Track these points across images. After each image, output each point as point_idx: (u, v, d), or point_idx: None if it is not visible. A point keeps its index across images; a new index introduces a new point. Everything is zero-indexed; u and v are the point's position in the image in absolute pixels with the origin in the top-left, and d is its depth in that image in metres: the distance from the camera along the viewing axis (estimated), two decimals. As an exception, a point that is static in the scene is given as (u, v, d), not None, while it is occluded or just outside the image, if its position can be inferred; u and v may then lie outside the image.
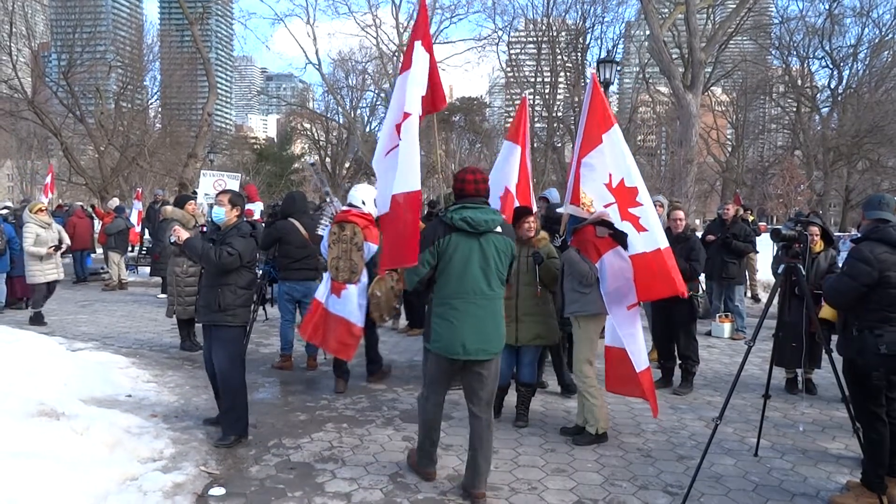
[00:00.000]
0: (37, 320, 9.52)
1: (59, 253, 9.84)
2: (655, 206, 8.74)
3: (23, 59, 29.04)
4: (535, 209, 5.67)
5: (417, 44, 4.83)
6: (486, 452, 4.09)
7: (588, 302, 4.99)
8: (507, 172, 5.81)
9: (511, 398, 5.54)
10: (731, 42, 36.09)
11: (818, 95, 41.46)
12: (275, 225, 7.08)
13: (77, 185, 30.50)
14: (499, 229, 4.09)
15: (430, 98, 5.02)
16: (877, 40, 37.19)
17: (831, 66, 39.22)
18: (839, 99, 39.47)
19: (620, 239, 4.90)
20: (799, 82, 40.71)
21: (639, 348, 4.92)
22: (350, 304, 5.87)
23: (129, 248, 15.34)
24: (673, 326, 6.51)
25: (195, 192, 14.35)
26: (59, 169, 37.19)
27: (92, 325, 9.54)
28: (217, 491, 4.08)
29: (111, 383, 6.12)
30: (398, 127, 4.57)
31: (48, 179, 19.40)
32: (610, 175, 4.88)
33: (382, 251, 4.72)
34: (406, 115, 4.54)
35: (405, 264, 4.23)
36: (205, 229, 5.82)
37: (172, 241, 4.94)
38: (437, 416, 4.24)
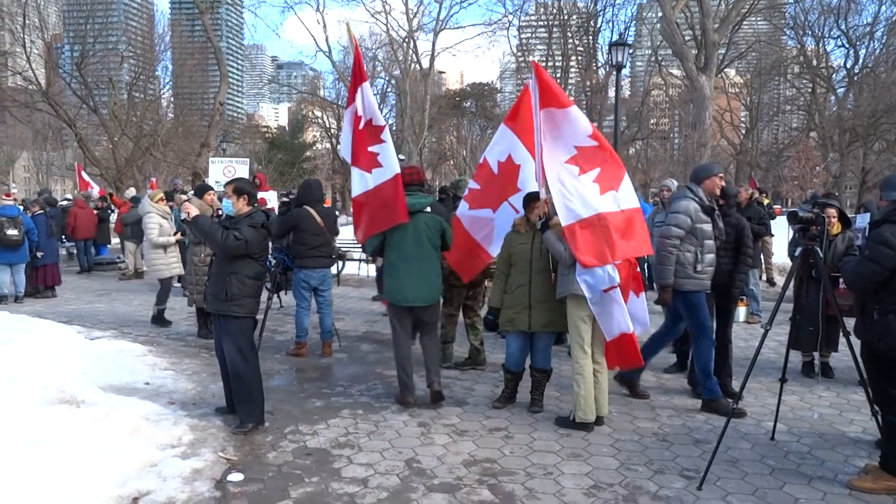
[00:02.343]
0: (160, 321, 8.80)
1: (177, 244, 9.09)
2: (662, 190, 8.74)
3: (36, 50, 29.20)
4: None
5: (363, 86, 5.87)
6: (434, 358, 5.56)
7: (569, 282, 4.92)
8: (496, 149, 6.04)
9: (525, 384, 5.54)
10: (745, 22, 35.57)
11: (834, 76, 40.70)
12: (290, 213, 7.08)
13: (92, 176, 30.75)
14: (428, 209, 5.52)
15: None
16: (894, 18, 36.46)
17: (847, 46, 38.48)
18: (855, 79, 38.74)
19: None
20: (814, 62, 39.99)
21: (612, 320, 4.91)
22: None
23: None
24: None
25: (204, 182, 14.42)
26: (74, 160, 37.52)
27: (109, 314, 9.63)
28: (235, 476, 4.12)
29: (129, 371, 6.19)
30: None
31: (85, 176, 20.09)
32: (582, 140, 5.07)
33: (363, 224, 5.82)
34: (381, 127, 5.69)
35: (378, 229, 5.56)
36: (219, 216, 5.82)
37: (183, 217, 4.92)
38: (407, 353, 5.54)
